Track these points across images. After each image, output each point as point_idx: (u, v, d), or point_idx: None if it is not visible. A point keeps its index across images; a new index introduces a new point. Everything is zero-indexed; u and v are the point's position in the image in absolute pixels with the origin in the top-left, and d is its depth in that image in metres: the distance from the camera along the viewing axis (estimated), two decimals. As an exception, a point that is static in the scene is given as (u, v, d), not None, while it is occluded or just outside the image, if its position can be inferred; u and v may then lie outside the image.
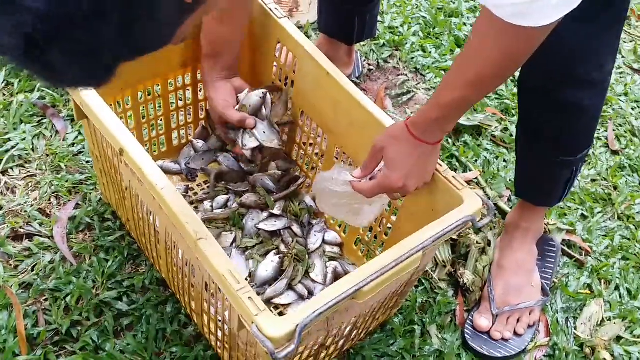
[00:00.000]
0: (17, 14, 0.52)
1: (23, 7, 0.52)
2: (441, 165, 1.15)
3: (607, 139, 1.88)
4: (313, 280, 1.39)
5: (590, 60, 1.20)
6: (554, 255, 1.52)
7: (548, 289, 1.46)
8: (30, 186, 1.50)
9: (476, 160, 1.75)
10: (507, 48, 0.94)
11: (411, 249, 0.99)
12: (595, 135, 1.86)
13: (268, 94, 1.41)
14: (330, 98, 1.31)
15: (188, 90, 1.53)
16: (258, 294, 1.33)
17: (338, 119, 1.33)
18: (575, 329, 1.44)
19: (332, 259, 1.45)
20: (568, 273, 1.54)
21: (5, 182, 1.50)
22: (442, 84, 1.07)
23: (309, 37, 2.01)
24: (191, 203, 1.50)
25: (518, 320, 1.42)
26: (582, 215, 1.67)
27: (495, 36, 0.93)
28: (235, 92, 1.42)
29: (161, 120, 1.54)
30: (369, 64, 2.00)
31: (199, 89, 1.54)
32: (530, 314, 1.43)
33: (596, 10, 1.12)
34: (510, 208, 1.59)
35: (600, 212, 1.68)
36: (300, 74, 1.38)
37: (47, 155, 1.57)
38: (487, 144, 1.80)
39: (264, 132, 1.40)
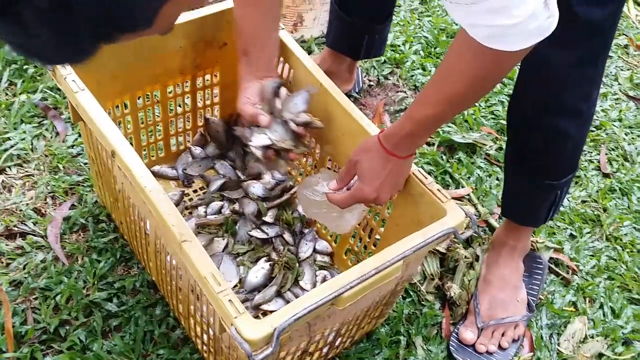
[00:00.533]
0: None
1: None
2: (426, 178, 1.17)
3: (599, 161, 1.90)
4: (302, 288, 1.41)
5: (577, 89, 1.23)
6: (540, 272, 1.53)
7: (534, 304, 1.48)
8: (27, 185, 1.53)
9: (469, 178, 1.77)
10: (479, 69, 0.94)
11: (391, 258, 1.01)
12: (588, 158, 1.89)
13: (283, 87, 1.31)
14: (323, 109, 1.33)
15: (187, 97, 1.55)
16: (247, 299, 1.36)
17: (330, 129, 1.35)
18: (558, 344, 1.45)
19: (322, 267, 1.46)
20: (554, 290, 1.55)
21: (3, 181, 1.53)
22: (417, 99, 1.08)
23: (311, 52, 2.05)
24: (186, 208, 1.53)
25: (503, 334, 1.43)
26: (571, 234, 1.69)
27: (470, 56, 0.93)
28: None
29: (160, 126, 1.57)
30: (370, 80, 2.03)
31: (197, 97, 1.57)
32: (515, 328, 1.44)
33: (585, 37, 1.15)
34: (500, 225, 1.61)
35: (588, 233, 1.70)
36: (295, 84, 1.41)
37: (46, 156, 1.60)
38: (481, 162, 1.82)
39: (276, 132, 1.29)
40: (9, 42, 0.58)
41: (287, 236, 1.48)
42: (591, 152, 1.93)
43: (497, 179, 1.78)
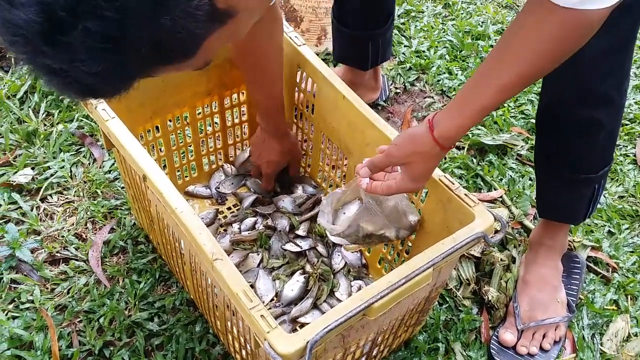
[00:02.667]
0: None
1: None
2: (453, 184, 1.17)
3: (635, 155, 1.87)
4: (338, 299, 1.42)
5: (607, 77, 1.20)
6: (579, 271, 1.51)
7: (574, 305, 1.46)
8: (68, 212, 1.58)
9: (501, 179, 1.76)
10: (563, 40, 0.87)
11: (420, 266, 1.01)
12: (623, 152, 1.86)
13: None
14: (347, 120, 1.35)
15: (216, 117, 1.59)
16: (284, 313, 1.38)
17: (355, 140, 1.36)
18: (601, 344, 1.43)
19: (356, 277, 1.47)
20: (594, 289, 1.53)
21: (44, 209, 1.58)
22: (476, 87, 0.98)
23: (336, 64, 2.07)
24: (220, 226, 1.56)
25: (544, 336, 1.42)
26: (609, 231, 1.66)
27: (550, 27, 0.86)
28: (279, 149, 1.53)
29: (191, 146, 1.60)
30: (396, 87, 2.03)
31: (226, 116, 1.60)
32: (556, 330, 1.43)
33: (614, 21, 1.12)
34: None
35: (627, 229, 1.67)
36: (320, 98, 1.43)
37: (85, 182, 1.65)
38: (513, 163, 1.81)
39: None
40: (47, 66, 0.55)
41: (321, 248, 1.50)
42: (627, 146, 1.90)
43: (530, 180, 1.76)
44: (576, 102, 1.25)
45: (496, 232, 1.15)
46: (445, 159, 1.80)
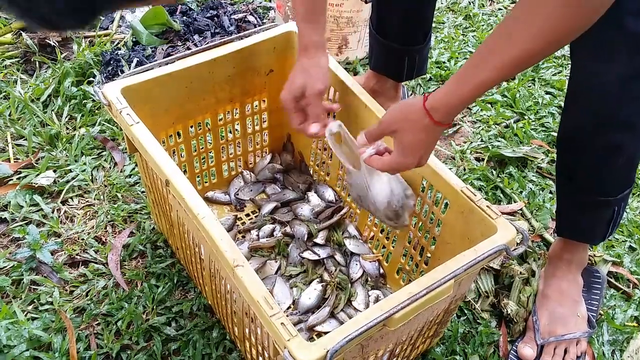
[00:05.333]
0: None
1: None
2: (475, 195, 1.17)
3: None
4: (355, 309, 1.42)
5: (629, 104, 1.18)
6: (599, 287, 1.50)
7: (594, 320, 1.44)
8: (88, 215, 1.59)
9: (521, 192, 1.75)
10: (564, 21, 0.85)
11: (442, 277, 1.01)
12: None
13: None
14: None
15: (237, 124, 1.59)
16: (301, 321, 1.38)
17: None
18: (621, 362, 1.42)
19: (374, 287, 1.47)
20: (614, 305, 1.51)
21: (65, 211, 1.59)
22: (476, 64, 0.96)
23: (357, 73, 2.07)
24: (239, 232, 1.56)
25: (565, 351, 1.40)
26: (630, 247, 1.64)
27: (551, 8, 0.84)
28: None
29: (212, 152, 1.61)
30: (416, 97, 2.03)
31: (247, 123, 1.61)
32: (577, 345, 1.41)
33: (634, 50, 1.12)
34: (556, 239, 1.58)
35: (649, 245, 1.65)
36: (342, 106, 1.43)
37: (105, 186, 1.66)
38: (533, 176, 1.80)
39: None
40: (18, 5, 0.56)
41: (339, 257, 1.50)
42: (649, 162, 1.88)
43: (551, 192, 1.75)
44: (597, 128, 1.23)
45: (517, 245, 1.14)
46: (464, 170, 1.79)
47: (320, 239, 1.51)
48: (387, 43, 1.72)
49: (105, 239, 1.55)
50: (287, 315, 1.36)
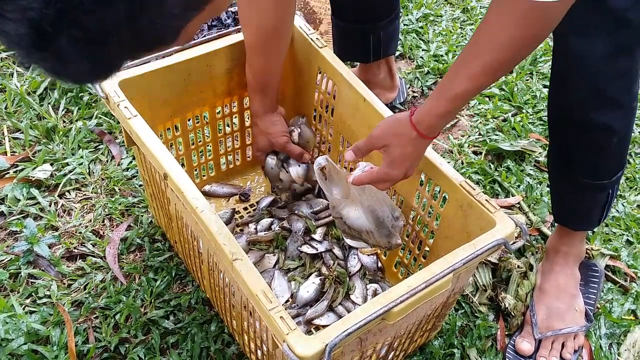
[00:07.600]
0: None
1: None
2: (474, 189, 1.17)
3: (655, 163, 1.86)
4: (353, 302, 1.42)
5: (615, 81, 1.19)
6: (597, 280, 1.50)
7: (592, 314, 1.45)
8: (86, 208, 1.59)
9: (519, 186, 1.75)
10: (527, 29, 0.90)
11: (441, 271, 1.01)
12: (643, 159, 1.84)
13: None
14: (368, 123, 1.34)
15: (235, 117, 1.59)
16: (299, 314, 1.38)
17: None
18: (618, 355, 1.42)
19: (372, 281, 1.47)
20: (612, 299, 1.52)
21: (62, 205, 1.59)
22: (451, 76, 1.01)
23: (354, 66, 2.06)
24: (237, 225, 1.56)
25: (563, 345, 1.41)
26: (627, 240, 1.65)
27: (514, 18, 0.90)
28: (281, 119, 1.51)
29: (209, 146, 1.61)
30: (414, 91, 2.03)
31: (245, 116, 1.61)
32: (574, 339, 1.41)
33: (613, 26, 1.12)
34: (554, 233, 1.59)
35: (646, 238, 1.66)
36: (340, 100, 1.43)
37: (102, 179, 1.65)
38: (530, 170, 1.80)
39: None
40: (44, 68, 0.62)
41: (337, 251, 1.49)
42: (645, 155, 1.89)
43: (548, 186, 1.75)
44: (584, 106, 1.23)
45: (516, 238, 1.14)
46: (462, 163, 1.79)
47: (318, 235, 1.51)
48: (344, 25, 1.71)
49: (103, 233, 1.54)
50: (285, 309, 1.37)
